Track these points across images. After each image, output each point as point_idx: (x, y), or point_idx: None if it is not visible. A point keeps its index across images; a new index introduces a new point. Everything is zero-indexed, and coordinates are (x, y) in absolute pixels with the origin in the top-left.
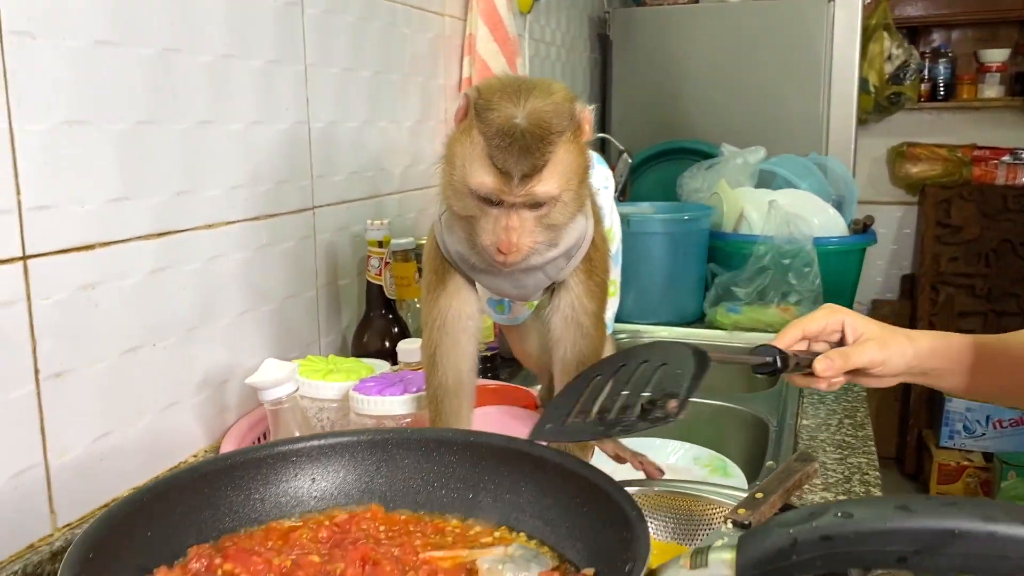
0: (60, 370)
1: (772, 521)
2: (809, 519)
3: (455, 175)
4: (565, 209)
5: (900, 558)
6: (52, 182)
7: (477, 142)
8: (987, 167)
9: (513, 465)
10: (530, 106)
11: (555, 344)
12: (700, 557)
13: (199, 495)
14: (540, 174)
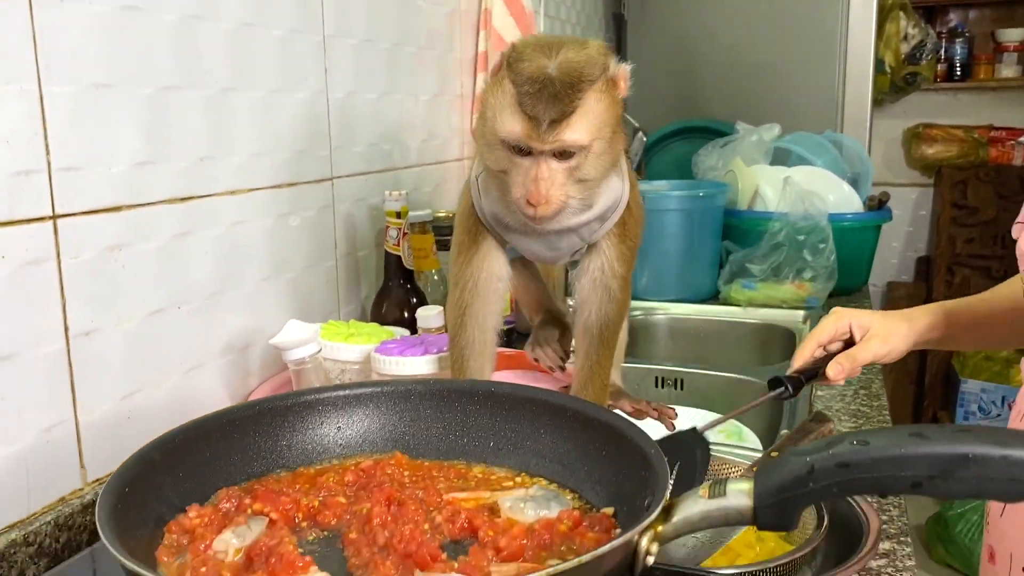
0: (89, 329)
1: (788, 451)
2: (826, 448)
3: (487, 127)
4: (597, 162)
5: (915, 483)
6: (80, 144)
7: (508, 91)
8: (1004, 148)
9: (532, 414)
10: (562, 56)
11: (581, 306)
12: (718, 487)
13: (228, 439)
14: (569, 120)
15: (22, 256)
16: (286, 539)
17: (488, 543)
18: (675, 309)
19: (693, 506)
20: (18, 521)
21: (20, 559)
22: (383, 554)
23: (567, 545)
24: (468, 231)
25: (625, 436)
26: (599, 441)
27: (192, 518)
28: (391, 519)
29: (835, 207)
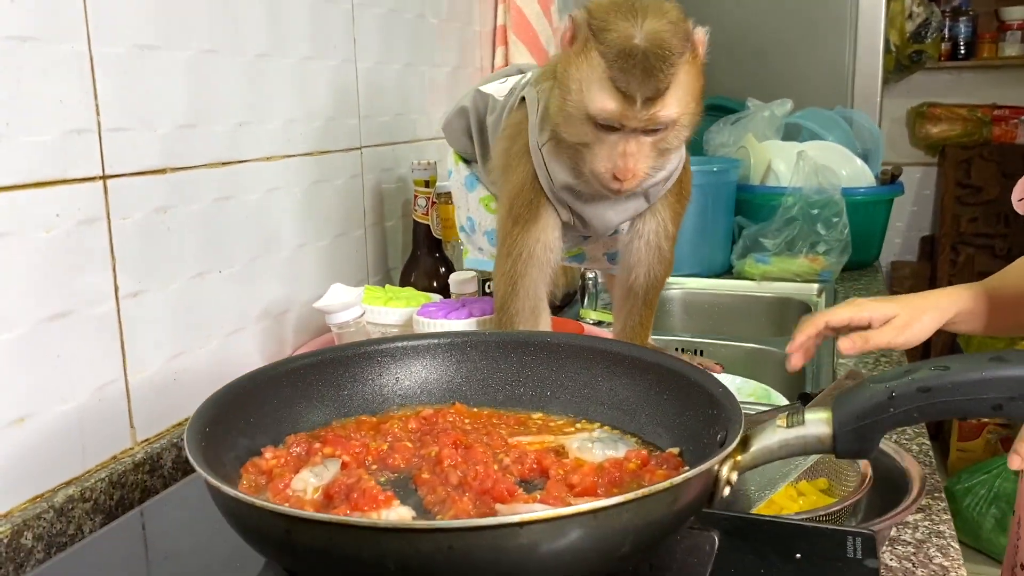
0: (137, 290)
1: (866, 380)
2: (905, 375)
3: (570, 100)
4: (680, 133)
5: (995, 406)
6: (128, 105)
7: (596, 65)
8: (1007, 126)
9: (589, 362)
10: (648, 26)
11: (631, 269)
12: (795, 416)
13: (294, 387)
14: (663, 97)
15: (75, 216)
16: (364, 476)
17: (560, 480)
18: (690, 284)
19: (771, 436)
20: (74, 478)
21: (78, 515)
22: (459, 491)
23: (637, 483)
24: (528, 202)
25: (688, 378)
26: (659, 386)
27: (268, 459)
28: (461, 460)
29: (848, 181)
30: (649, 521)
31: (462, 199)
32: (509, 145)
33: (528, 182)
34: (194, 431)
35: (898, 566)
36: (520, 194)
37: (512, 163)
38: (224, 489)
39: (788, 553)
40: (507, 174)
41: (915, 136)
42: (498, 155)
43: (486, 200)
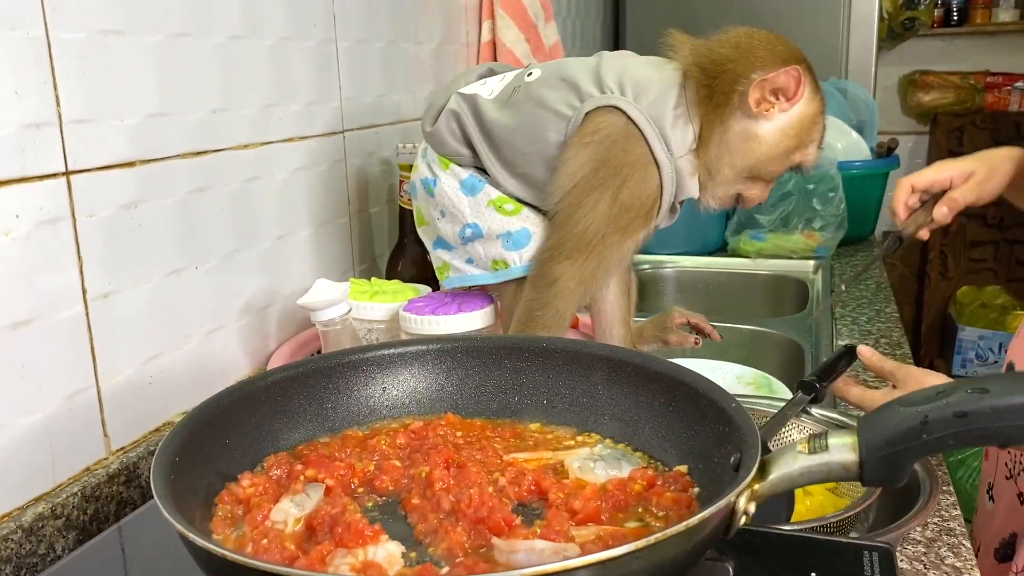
0: (107, 291)
1: (893, 403)
2: (938, 397)
3: (794, 146)
4: None
5: None
6: (91, 95)
7: (819, 123)
8: (1000, 93)
9: (587, 369)
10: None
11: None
12: (819, 442)
13: (273, 403)
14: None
15: (36, 215)
16: (349, 507)
17: (560, 505)
18: (684, 262)
19: (792, 463)
20: (44, 493)
21: (48, 532)
22: (451, 520)
23: (643, 506)
24: (645, 213)
25: (697, 390)
26: (665, 396)
27: (246, 487)
28: (453, 482)
29: (843, 155)
30: (661, 564)
31: (456, 206)
32: (610, 154)
33: (652, 193)
34: (161, 463)
35: (908, 568)
36: (637, 204)
37: (624, 172)
38: (192, 539)
39: (803, 572)
40: (612, 183)
41: (907, 104)
42: (589, 161)
43: (499, 201)
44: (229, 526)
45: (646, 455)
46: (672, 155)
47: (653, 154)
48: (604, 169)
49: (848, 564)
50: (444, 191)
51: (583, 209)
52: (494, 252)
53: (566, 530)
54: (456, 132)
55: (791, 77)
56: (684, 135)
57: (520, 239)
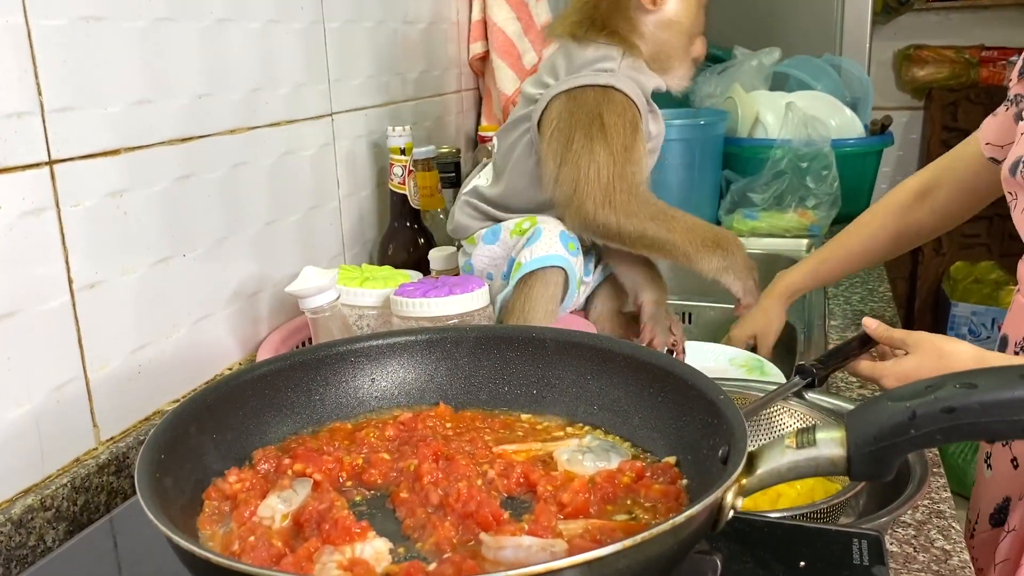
0: (93, 281)
1: (881, 397)
2: (926, 392)
3: (698, 22)
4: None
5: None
6: (73, 82)
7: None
8: (995, 68)
9: (577, 359)
10: None
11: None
12: (806, 436)
13: (260, 396)
14: None
15: (19, 206)
16: (337, 502)
17: (549, 499)
18: None
19: (780, 457)
20: (33, 485)
21: (38, 524)
22: (439, 514)
23: (632, 498)
24: (634, 122)
25: (686, 381)
26: (654, 387)
27: (232, 483)
28: (442, 476)
29: (837, 132)
30: (648, 562)
31: (493, 260)
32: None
33: (623, 103)
34: (146, 462)
35: (898, 551)
36: (620, 120)
37: (594, 111)
38: (176, 541)
39: (792, 561)
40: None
41: (901, 79)
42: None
43: (516, 228)
44: (216, 523)
45: (635, 445)
46: (615, 72)
47: (601, 84)
48: (577, 129)
49: (837, 552)
50: (480, 258)
51: (584, 167)
52: (517, 259)
53: (554, 526)
54: (470, 213)
55: None
56: (608, 53)
57: (534, 236)
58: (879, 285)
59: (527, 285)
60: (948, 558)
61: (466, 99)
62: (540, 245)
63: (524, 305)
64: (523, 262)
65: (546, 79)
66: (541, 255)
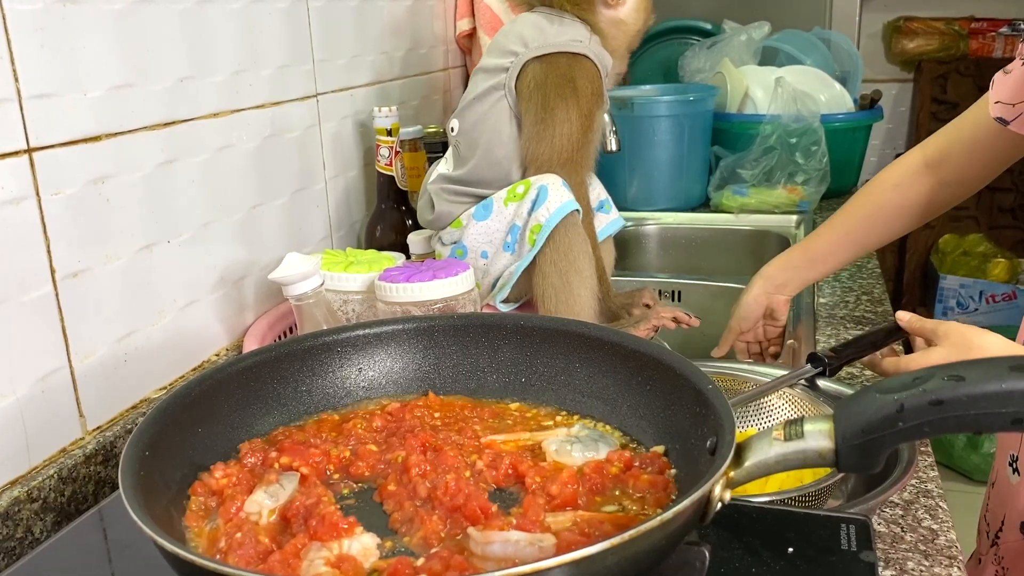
0: (76, 269)
1: (869, 389)
2: (914, 384)
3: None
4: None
5: (1016, 419)
6: (51, 68)
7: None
8: (984, 39)
9: (565, 346)
10: None
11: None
12: (794, 428)
13: (246, 389)
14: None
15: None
16: (324, 498)
17: (537, 490)
18: (666, 218)
19: (768, 449)
20: (19, 477)
21: (25, 516)
22: (427, 507)
23: (620, 489)
24: (598, 91)
25: (674, 370)
26: (642, 375)
27: (219, 478)
28: (430, 468)
29: (827, 107)
30: (636, 557)
31: (489, 237)
32: (548, 81)
33: (593, 70)
34: (130, 459)
35: (886, 531)
36: (591, 86)
37: (568, 75)
38: (160, 543)
39: (780, 547)
40: (567, 91)
41: (891, 52)
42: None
43: (509, 195)
44: (203, 519)
45: (624, 434)
46: (584, 43)
47: (573, 52)
48: (554, 92)
49: (825, 537)
50: (473, 237)
51: (559, 127)
52: (531, 223)
53: (542, 519)
54: (449, 199)
55: None
56: (578, 31)
57: (541, 195)
58: (867, 261)
59: (559, 233)
60: (935, 537)
61: (453, 77)
62: (553, 199)
63: (564, 259)
64: (542, 221)
65: (514, 47)
66: (558, 206)
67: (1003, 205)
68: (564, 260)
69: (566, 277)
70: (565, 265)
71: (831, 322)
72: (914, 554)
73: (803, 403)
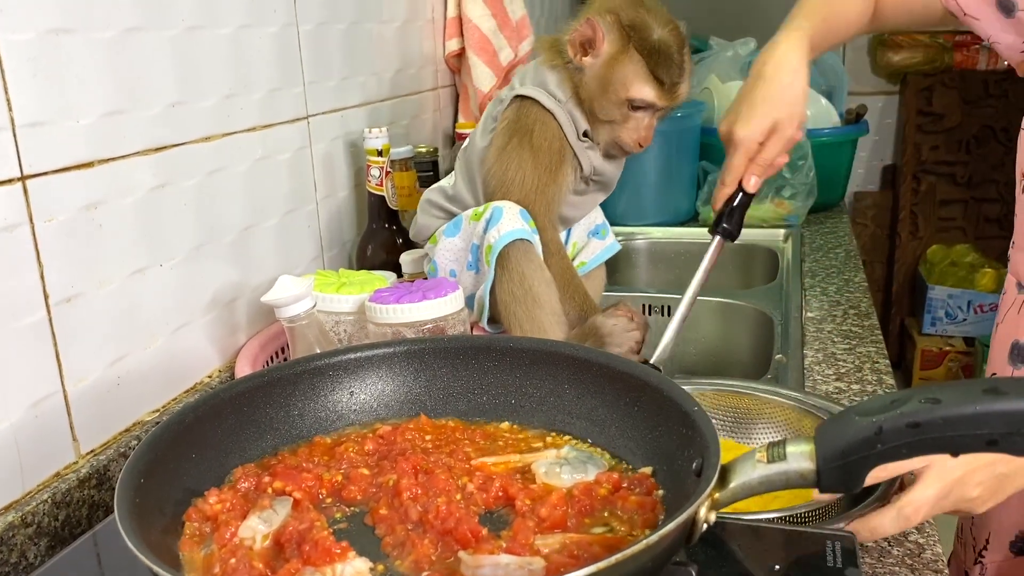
0: (70, 295)
1: (850, 411)
2: (892, 407)
3: (611, 89)
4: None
5: (990, 441)
6: (44, 97)
7: (637, 61)
8: (968, 52)
9: (553, 368)
10: (670, 25)
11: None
12: (777, 451)
13: (239, 414)
14: (685, 81)
15: None
16: (317, 522)
17: (527, 513)
18: (655, 233)
19: (751, 471)
20: (13, 502)
21: (20, 541)
22: (419, 531)
23: (609, 510)
24: (560, 152)
25: (660, 391)
26: (629, 396)
27: (213, 503)
28: (421, 491)
29: (813, 122)
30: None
31: (456, 254)
32: (516, 125)
33: (556, 133)
34: (125, 485)
35: (873, 545)
36: (547, 145)
37: (529, 127)
38: (156, 570)
39: (767, 564)
40: (524, 140)
41: (877, 65)
42: (501, 136)
43: (474, 214)
44: (197, 544)
45: (613, 455)
46: (561, 101)
47: (545, 107)
48: (515, 136)
49: (811, 554)
50: (442, 254)
51: (512, 170)
52: (485, 243)
53: (531, 543)
54: (432, 212)
55: (587, 27)
56: (561, 85)
57: (495, 216)
58: (855, 275)
59: (512, 261)
60: (922, 551)
61: (443, 96)
62: (505, 222)
63: (523, 282)
64: (492, 242)
65: (515, 81)
66: (508, 230)
67: (989, 215)
68: (519, 288)
69: (525, 305)
70: (522, 293)
71: (819, 337)
72: (900, 568)
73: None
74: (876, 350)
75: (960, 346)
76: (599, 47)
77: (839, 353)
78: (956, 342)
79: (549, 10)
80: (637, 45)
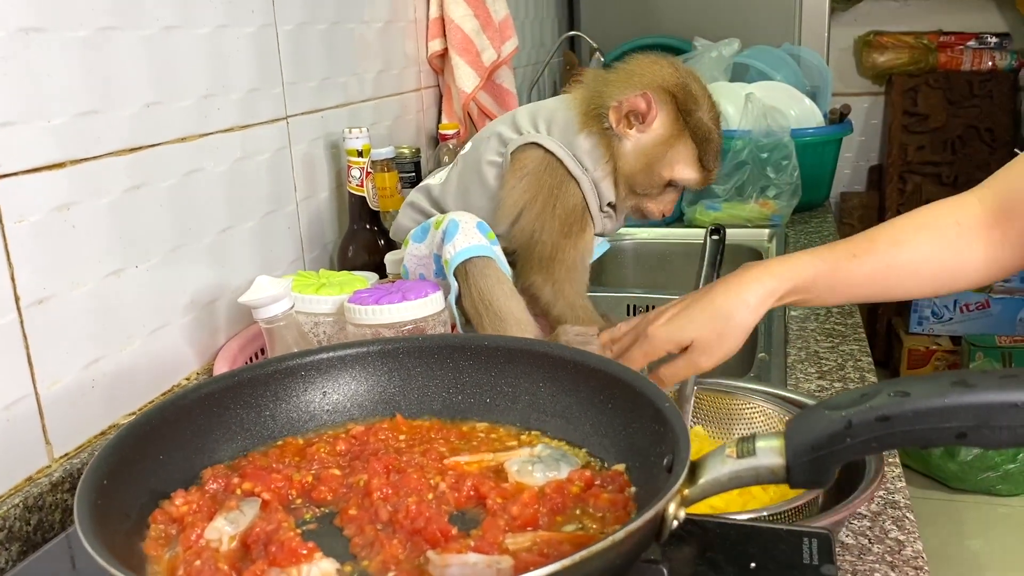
0: (42, 297)
1: (819, 406)
2: (862, 400)
3: (653, 164)
4: None
5: (959, 434)
6: (15, 96)
7: (689, 145)
8: (953, 53)
9: (528, 366)
10: (715, 111)
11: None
12: (746, 446)
13: (208, 414)
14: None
15: None
16: (284, 523)
17: (498, 511)
18: (641, 234)
19: (721, 467)
20: None
21: None
22: (388, 531)
23: (581, 508)
24: (582, 220)
25: (633, 388)
26: (603, 393)
27: (179, 505)
28: (392, 491)
29: (797, 122)
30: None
31: (424, 259)
32: (540, 183)
33: (579, 204)
34: (86, 489)
35: (853, 543)
36: (570, 214)
37: (554, 192)
38: (114, 573)
39: (743, 562)
40: (548, 204)
41: (862, 66)
42: (525, 192)
43: (437, 222)
44: (163, 546)
45: (588, 452)
46: (588, 170)
47: (570, 173)
48: (540, 195)
49: (787, 552)
50: (410, 258)
51: (536, 232)
52: (444, 256)
53: (500, 541)
54: (410, 214)
55: (641, 100)
56: (593, 152)
57: (451, 230)
58: None
59: (471, 277)
60: (902, 548)
61: (426, 97)
62: (461, 237)
63: (482, 298)
64: (448, 258)
65: (540, 123)
66: (464, 247)
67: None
68: (481, 303)
69: (489, 319)
70: (483, 307)
71: (802, 335)
72: (881, 565)
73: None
74: (859, 348)
75: (947, 345)
76: (649, 123)
77: (822, 351)
78: (943, 341)
79: (535, 7)
80: (692, 132)
